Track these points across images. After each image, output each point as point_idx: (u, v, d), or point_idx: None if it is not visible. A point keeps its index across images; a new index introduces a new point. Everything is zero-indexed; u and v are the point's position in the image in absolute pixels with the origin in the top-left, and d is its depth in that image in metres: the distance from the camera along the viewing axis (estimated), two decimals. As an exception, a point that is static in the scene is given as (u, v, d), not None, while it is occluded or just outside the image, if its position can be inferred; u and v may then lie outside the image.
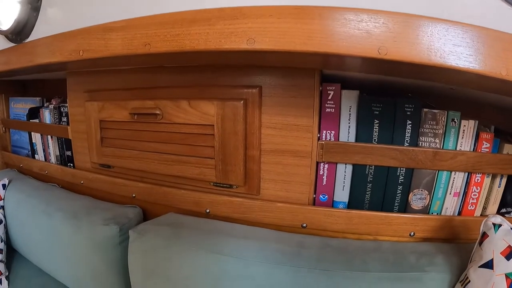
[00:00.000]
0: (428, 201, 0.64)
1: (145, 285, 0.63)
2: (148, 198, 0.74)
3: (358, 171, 0.62)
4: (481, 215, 0.70)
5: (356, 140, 0.60)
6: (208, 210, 0.68)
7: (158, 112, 0.65)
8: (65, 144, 0.90)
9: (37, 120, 0.98)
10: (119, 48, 0.54)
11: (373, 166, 0.61)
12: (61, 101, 0.93)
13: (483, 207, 0.70)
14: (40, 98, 1.02)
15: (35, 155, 1.01)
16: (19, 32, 0.76)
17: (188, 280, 0.57)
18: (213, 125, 0.61)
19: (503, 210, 0.72)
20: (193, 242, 0.58)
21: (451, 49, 0.41)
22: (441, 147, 0.62)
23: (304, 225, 0.63)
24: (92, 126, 0.76)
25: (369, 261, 0.55)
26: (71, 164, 0.89)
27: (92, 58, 0.58)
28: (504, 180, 0.70)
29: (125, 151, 0.73)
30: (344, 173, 0.62)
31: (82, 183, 0.84)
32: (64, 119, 0.88)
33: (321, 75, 0.59)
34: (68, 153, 0.89)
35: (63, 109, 0.88)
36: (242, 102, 0.59)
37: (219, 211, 0.67)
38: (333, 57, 0.46)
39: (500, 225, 0.52)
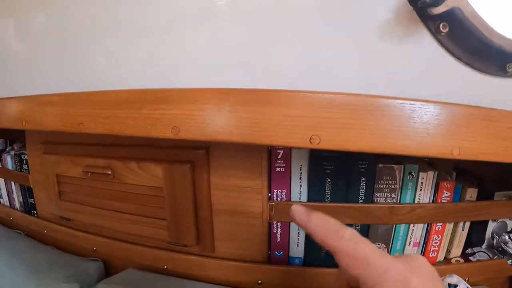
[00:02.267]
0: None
1: None
2: (109, 252, 0.73)
3: (312, 229, 0.60)
4: (444, 258, 0.70)
5: (308, 199, 0.59)
6: (166, 266, 0.67)
7: (109, 172, 0.64)
8: (27, 191, 0.89)
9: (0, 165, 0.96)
10: (57, 124, 0.53)
11: (327, 224, 0.60)
12: (22, 146, 0.91)
13: (447, 249, 0.69)
14: (3, 140, 1.00)
15: (0, 199, 1.00)
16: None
17: None
18: (163, 188, 0.60)
19: (469, 251, 0.72)
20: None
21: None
22: (398, 201, 0.60)
23: (260, 282, 0.62)
24: (50, 179, 0.74)
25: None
26: (35, 212, 0.88)
27: (33, 130, 0.56)
28: (467, 224, 0.69)
29: (83, 206, 0.72)
30: (297, 230, 0.61)
31: (45, 232, 0.82)
32: (25, 166, 0.87)
33: (270, 134, 0.57)
34: (31, 200, 0.88)
35: (24, 156, 0.86)
36: (189, 165, 0.57)
37: (177, 267, 0.66)
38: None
39: (456, 286, 0.51)
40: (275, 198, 0.59)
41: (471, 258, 0.69)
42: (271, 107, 0.38)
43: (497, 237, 0.71)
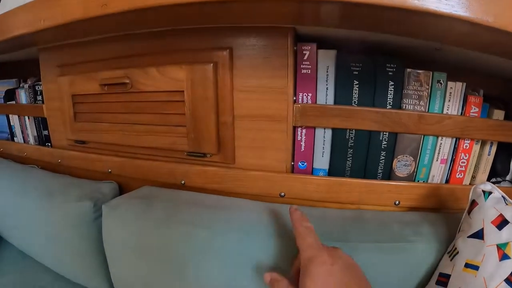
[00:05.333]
0: (413, 167, 0.61)
1: (120, 260, 0.60)
2: (123, 172, 0.71)
3: (338, 136, 0.58)
4: (470, 184, 0.67)
5: (335, 102, 0.57)
6: (183, 181, 0.65)
7: (127, 81, 0.62)
8: (41, 123, 0.87)
9: (13, 102, 0.95)
10: (78, 11, 0.51)
11: (353, 130, 0.58)
12: (36, 80, 0.90)
13: (472, 176, 0.67)
14: (16, 79, 0.99)
15: (14, 138, 0.99)
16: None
17: (159, 253, 0.54)
18: (183, 91, 0.58)
19: (493, 180, 0.69)
20: (164, 215, 0.55)
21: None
22: (427, 110, 0.58)
23: (283, 194, 0.60)
24: (65, 101, 0.73)
25: (349, 231, 0.52)
26: (49, 144, 0.87)
27: (53, 26, 0.55)
28: (494, 148, 0.66)
29: (98, 124, 0.70)
30: (323, 138, 0.59)
31: (60, 161, 0.81)
32: (39, 97, 0.86)
33: (296, 34, 0.55)
34: (45, 132, 0.86)
35: (38, 88, 0.85)
36: (211, 65, 0.56)
37: (194, 181, 0.64)
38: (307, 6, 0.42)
39: (490, 193, 0.48)
40: (300, 101, 0.57)
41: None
42: None
43: (522, 168, 0.68)
